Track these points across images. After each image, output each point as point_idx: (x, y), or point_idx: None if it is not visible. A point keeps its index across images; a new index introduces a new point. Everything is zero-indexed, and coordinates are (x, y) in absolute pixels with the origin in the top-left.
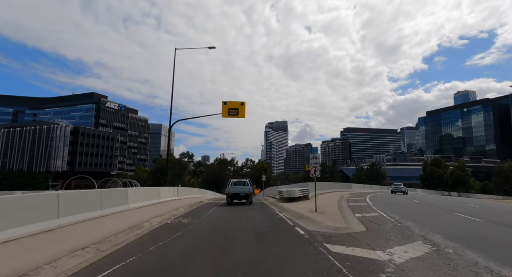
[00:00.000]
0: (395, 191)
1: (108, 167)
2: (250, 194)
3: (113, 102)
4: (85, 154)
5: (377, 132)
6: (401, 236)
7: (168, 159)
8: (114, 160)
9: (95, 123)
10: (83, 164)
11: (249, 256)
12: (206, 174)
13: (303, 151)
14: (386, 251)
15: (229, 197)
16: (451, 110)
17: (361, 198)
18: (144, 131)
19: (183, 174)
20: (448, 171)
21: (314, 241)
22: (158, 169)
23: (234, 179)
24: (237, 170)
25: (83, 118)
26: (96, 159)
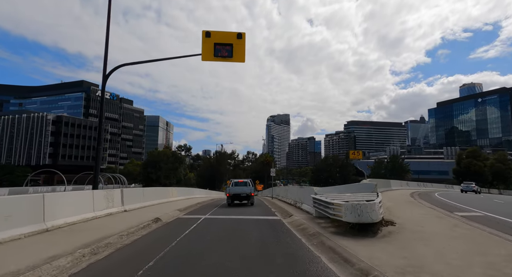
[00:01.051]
0: (465, 190)
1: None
2: (251, 195)
3: (105, 91)
4: (69, 146)
5: (381, 125)
6: None
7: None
8: (104, 152)
9: (84, 113)
10: (67, 156)
11: None
12: (202, 168)
13: (306, 144)
14: None
15: (229, 198)
16: (464, 101)
17: (455, 204)
18: (140, 123)
19: (178, 168)
20: (487, 164)
21: None
22: (150, 162)
23: (235, 180)
24: (237, 164)
25: (72, 108)
26: (83, 151)
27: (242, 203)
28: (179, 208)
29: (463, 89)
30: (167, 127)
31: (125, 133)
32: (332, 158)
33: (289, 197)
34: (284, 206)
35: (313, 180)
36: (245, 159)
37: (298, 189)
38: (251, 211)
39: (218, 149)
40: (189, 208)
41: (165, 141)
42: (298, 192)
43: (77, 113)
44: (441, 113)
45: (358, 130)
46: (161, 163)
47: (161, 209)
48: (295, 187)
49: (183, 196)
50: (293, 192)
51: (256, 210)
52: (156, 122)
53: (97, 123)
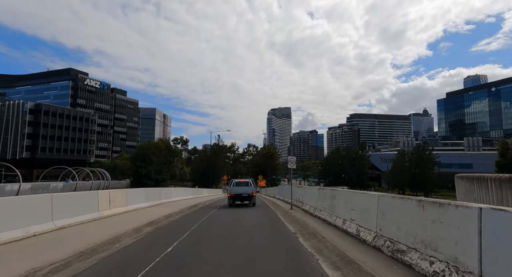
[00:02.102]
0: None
1: (82, 153)
2: (253, 196)
3: (94, 80)
4: (50, 138)
5: (384, 118)
6: None
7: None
8: (91, 145)
9: (72, 103)
10: (48, 150)
11: None
12: (197, 162)
13: (308, 138)
14: None
15: (230, 198)
16: (476, 90)
17: None
18: (134, 115)
19: (172, 162)
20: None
21: None
22: (139, 155)
23: (236, 180)
24: (237, 158)
25: (58, 98)
26: (66, 143)
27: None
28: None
29: (468, 81)
30: (165, 120)
31: (118, 126)
32: (344, 149)
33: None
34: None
35: (322, 175)
36: (246, 152)
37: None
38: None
39: (216, 141)
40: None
41: (162, 134)
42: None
43: (63, 103)
44: (451, 103)
45: (361, 123)
46: (151, 156)
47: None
48: (299, 189)
49: (143, 202)
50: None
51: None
52: (152, 114)
53: (82, 112)
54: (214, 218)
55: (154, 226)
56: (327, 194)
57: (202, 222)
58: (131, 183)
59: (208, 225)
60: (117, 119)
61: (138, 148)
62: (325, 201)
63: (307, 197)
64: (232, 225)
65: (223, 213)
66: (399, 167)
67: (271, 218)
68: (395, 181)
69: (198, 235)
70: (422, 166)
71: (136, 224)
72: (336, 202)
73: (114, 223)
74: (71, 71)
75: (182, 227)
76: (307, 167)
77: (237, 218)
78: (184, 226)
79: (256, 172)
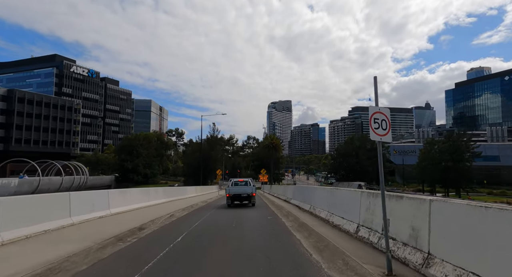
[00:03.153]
0: None
1: (65, 146)
2: (252, 195)
3: (81, 67)
4: (27, 128)
5: None
6: None
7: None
8: (75, 137)
9: (57, 92)
10: (24, 141)
11: None
12: (190, 154)
13: (309, 132)
14: None
15: (229, 199)
16: (487, 80)
17: None
18: (127, 106)
19: (164, 155)
20: None
21: None
22: (125, 148)
23: (235, 179)
24: (237, 151)
25: (42, 86)
26: (46, 135)
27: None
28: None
29: (471, 73)
30: (161, 113)
31: (110, 117)
32: (359, 139)
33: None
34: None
35: (333, 169)
36: (245, 145)
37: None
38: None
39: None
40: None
41: (159, 128)
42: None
43: (47, 92)
44: (460, 94)
45: (364, 116)
46: (139, 149)
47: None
48: (325, 191)
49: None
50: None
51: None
52: (148, 106)
53: (64, 100)
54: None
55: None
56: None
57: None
58: (117, 178)
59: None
60: (108, 111)
61: (123, 140)
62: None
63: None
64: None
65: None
66: (429, 160)
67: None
68: (423, 176)
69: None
70: (457, 158)
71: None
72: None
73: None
74: (57, 58)
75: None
76: (309, 161)
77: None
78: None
79: (257, 166)
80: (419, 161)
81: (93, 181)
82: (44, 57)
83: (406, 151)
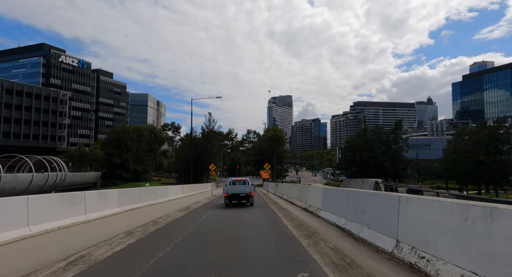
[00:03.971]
0: None
1: (50, 140)
2: (251, 195)
3: (71, 57)
4: (5, 121)
5: (389, 106)
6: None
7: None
8: (62, 130)
9: (44, 83)
10: (2, 134)
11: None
12: (183, 149)
13: (311, 127)
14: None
15: (227, 198)
16: (499, 71)
17: None
18: (122, 100)
19: (158, 150)
20: None
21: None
22: (112, 141)
23: (232, 178)
24: (236, 146)
25: (28, 77)
26: (28, 128)
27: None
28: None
29: (474, 67)
30: (159, 107)
31: (104, 111)
32: (373, 131)
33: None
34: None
35: (344, 164)
36: (245, 139)
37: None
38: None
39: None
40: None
41: (156, 122)
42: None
43: (34, 83)
44: (468, 86)
45: (365, 111)
46: (128, 142)
47: None
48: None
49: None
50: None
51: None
52: (144, 101)
53: (48, 91)
54: None
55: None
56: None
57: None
58: (104, 175)
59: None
60: (102, 104)
61: (110, 132)
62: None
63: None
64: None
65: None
66: (460, 152)
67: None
68: (453, 171)
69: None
70: (493, 150)
71: None
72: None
73: None
74: (44, 47)
75: None
76: (311, 156)
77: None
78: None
79: (258, 161)
80: (446, 154)
81: (73, 178)
82: (31, 46)
83: (419, 144)
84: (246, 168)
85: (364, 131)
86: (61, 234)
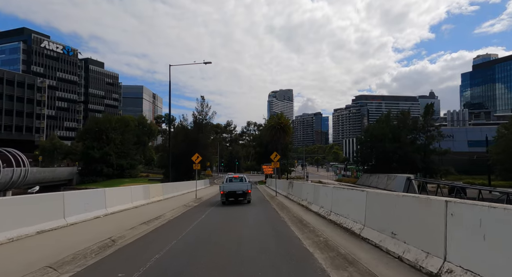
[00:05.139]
0: None
1: (25, 132)
2: (248, 192)
3: (55, 42)
4: None
5: (392, 99)
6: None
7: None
8: (40, 122)
9: (25, 70)
10: None
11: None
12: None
13: (312, 121)
14: None
15: (223, 196)
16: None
17: None
18: (114, 91)
19: (147, 143)
20: None
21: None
22: (90, 132)
23: (229, 175)
24: (235, 138)
25: (7, 64)
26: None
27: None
28: None
29: (477, 60)
30: (155, 100)
31: (94, 103)
32: (399, 118)
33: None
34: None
35: (361, 157)
36: (245, 132)
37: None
38: None
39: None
40: None
41: (152, 116)
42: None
43: (14, 70)
44: (479, 77)
45: (368, 105)
46: (110, 133)
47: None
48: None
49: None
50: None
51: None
52: (139, 93)
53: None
54: None
55: None
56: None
57: None
58: (81, 171)
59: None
60: (92, 95)
61: (89, 121)
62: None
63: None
64: None
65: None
66: None
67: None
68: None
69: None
70: None
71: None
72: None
73: None
74: (25, 31)
75: None
76: (312, 151)
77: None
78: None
79: (260, 154)
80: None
81: (38, 175)
82: (11, 31)
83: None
84: (246, 162)
85: (387, 117)
86: None
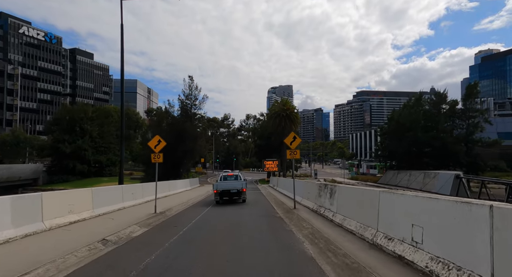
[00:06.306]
0: None
1: None
2: (243, 191)
3: (35, 29)
4: None
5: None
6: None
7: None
8: (12, 113)
9: (1, 59)
10: None
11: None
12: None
13: (313, 117)
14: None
15: (217, 195)
16: None
17: None
18: (104, 84)
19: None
20: None
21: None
22: (61, 122)
23: (223, 173)
24: (233, 133)
25: None
26: None
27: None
28: None
29: (479, 56)
30: (149, 95)
31: (82, 96)
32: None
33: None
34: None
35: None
36: (243, 126)
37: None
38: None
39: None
40: None
41: None
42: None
43: None
44: (488, 69)
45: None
46: (85, 125)
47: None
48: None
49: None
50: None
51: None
52: (133, 87)
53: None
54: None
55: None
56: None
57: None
58: (49, 168)
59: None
60: (80, 88)
61: (59, 111)
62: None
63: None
64: None
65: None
66: None
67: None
68: None
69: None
70: None
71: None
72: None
73: None
74: (2, 16)
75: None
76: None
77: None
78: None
79: (261, 148)
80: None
81: None
82: None
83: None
84: (245, 159)
85: (417, 101)
86: None
